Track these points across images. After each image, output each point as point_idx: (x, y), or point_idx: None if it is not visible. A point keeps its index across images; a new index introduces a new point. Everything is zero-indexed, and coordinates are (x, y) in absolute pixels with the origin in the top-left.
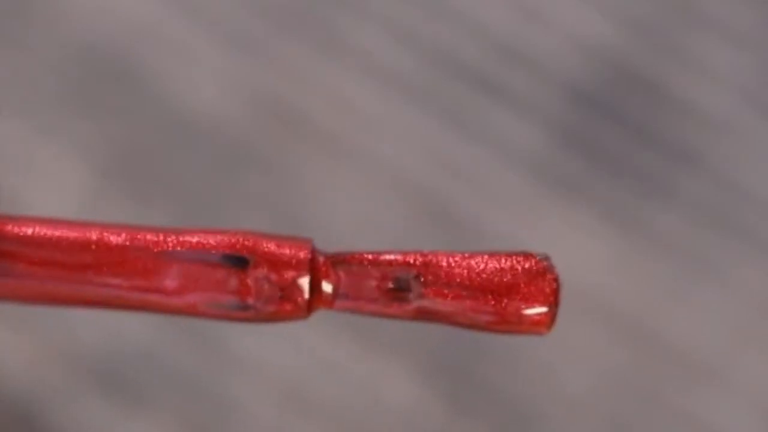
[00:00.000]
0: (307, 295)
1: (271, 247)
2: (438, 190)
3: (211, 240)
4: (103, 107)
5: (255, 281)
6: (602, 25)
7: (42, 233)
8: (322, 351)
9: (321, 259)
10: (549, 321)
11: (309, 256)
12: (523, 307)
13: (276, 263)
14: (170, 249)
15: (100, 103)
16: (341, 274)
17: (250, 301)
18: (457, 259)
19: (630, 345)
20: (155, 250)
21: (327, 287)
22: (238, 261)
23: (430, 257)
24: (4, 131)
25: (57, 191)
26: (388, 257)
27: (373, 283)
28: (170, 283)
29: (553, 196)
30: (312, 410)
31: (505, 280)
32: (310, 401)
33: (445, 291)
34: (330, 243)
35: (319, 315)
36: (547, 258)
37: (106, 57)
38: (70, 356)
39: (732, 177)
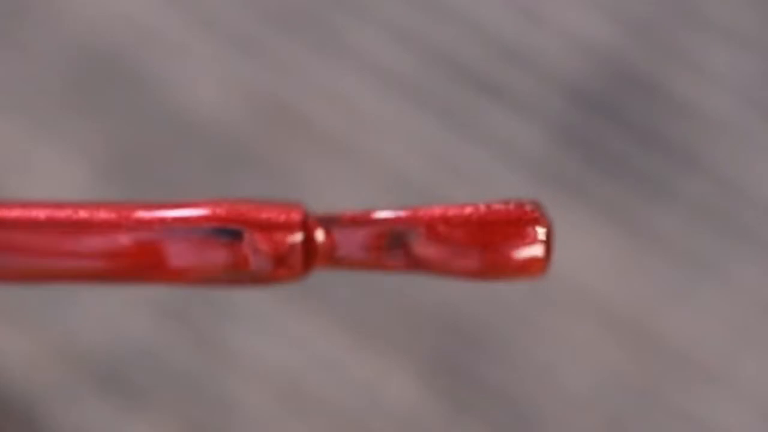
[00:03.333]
0: (300, 258)
1: (262, 214)
2: (438, 189)
3: (202, 213)
4: (103, 107)
5: (249, 250)
6: (602, 25)
7: (28, 215)
8: (322, 350)
9: (313, 219)
10: (541, 263)
11: (301, 217)
12: (512, 249)
13: (268, 229)
14: (162, 226)
15: (100, 102)
16: (334, 232)
17: (246, 269)
18: (447, 209)
19: (630, 345)
20: (147, 225)
21: (320, 241)
22: (232, 233)
23: (420, 210)
24: (3, 131)
25: (56, 191)
26: (379, 214)
27: (366, 238)
28: (163, 256)
29: (553, 196)
30: (312, 409)
31: (495, 226)
32: (310, 400)
33: (437, 241)
34: None
35: (319, 313)
36: (536, 203)
37: (105, 57)
38: (70, 356)
39: (732, 177)
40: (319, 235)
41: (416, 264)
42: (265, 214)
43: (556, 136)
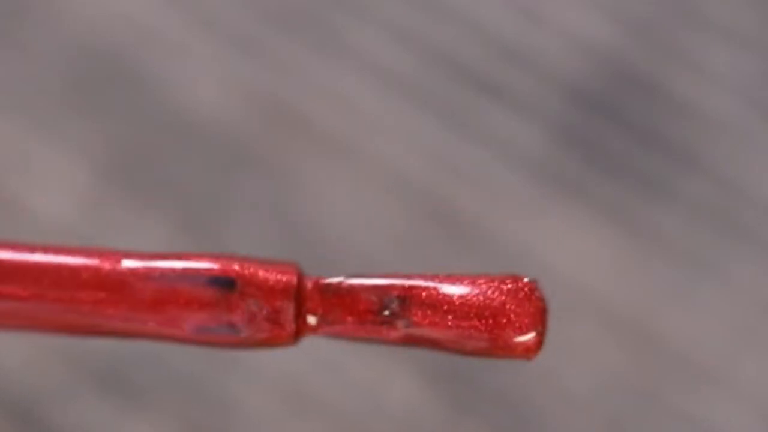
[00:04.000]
0: (293, 322)
1: (257, 271)
2: (438, 190)
3: (197, 263)
4: (103, 107)
5: (243, 303)
6: (602, 25)
7: (27, 260)
8: (323, 352)
9: (307, 284)
10: (537, 346)
11: (295, 281)
12: (511, 334)
13: (262, 288)
14: (156, 274)
15: (100, 103)
16: (327, 300)
17: (239, 324)
18: (443, 284)
19: (630, 345)
20: (140, 275)
21: (312, 316)
22: (226, 283)
23: (416, 283)
24: (3, 131)
25: (56, 191)
26: (374, 283)
27: (360, 309)
28: (156, 308)
29: (553, 196)
30: (312, 411)
31: (492, 305)
32: (311, 402)
33: (432, 318)
34: (329, 244)
35: None
36: (533, 281)
37: (106, 57)
38: (70, 356)
39: (732, 177)
40: (312, 297)
41: (409, 338)
42: (260, 273)
43: (556, 136)
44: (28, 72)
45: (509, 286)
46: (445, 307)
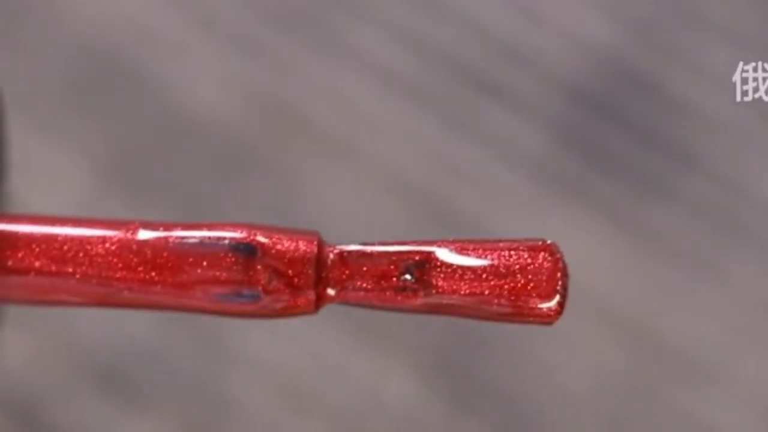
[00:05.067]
0: (313, 291)
1: (279, 238)
2: (438, 190)
3: (217, 231)
4: (103, 107)
5: (263, 270)
6: (602, 25)
7: (47, 231)
8: (322, 349)
9: (328, 252)
10: (559, 310)
11: (316, 250)
12: (533, 298)
13: (283, 255)
14: (175, 241)
15: (100, 103)
16: (348, 267)
17: (259, 291)
18: (463, 248)
19: (630, 344)
20: (159, 243)
21: (332, 284)
22: (247, 250)
23: (436, 248)
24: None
25: (56, 191)
26: (394, 249)
27: (379, 275)
28: (175, 276)
29: (553, 196)
30: (313, 409)
31: (512, 269)
32: (311, 400)
33: (452, 282)
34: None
35: (321, 313)
36: (553, 243)
37: (106, 57)
38: (70, 356)
39: (732, 177)
40: (333, 265)
41: (430, 306)
42: (281, 240)
43: (556, 136)
44: (28, 72)
45: (529, 248)
46: (466, 272)
